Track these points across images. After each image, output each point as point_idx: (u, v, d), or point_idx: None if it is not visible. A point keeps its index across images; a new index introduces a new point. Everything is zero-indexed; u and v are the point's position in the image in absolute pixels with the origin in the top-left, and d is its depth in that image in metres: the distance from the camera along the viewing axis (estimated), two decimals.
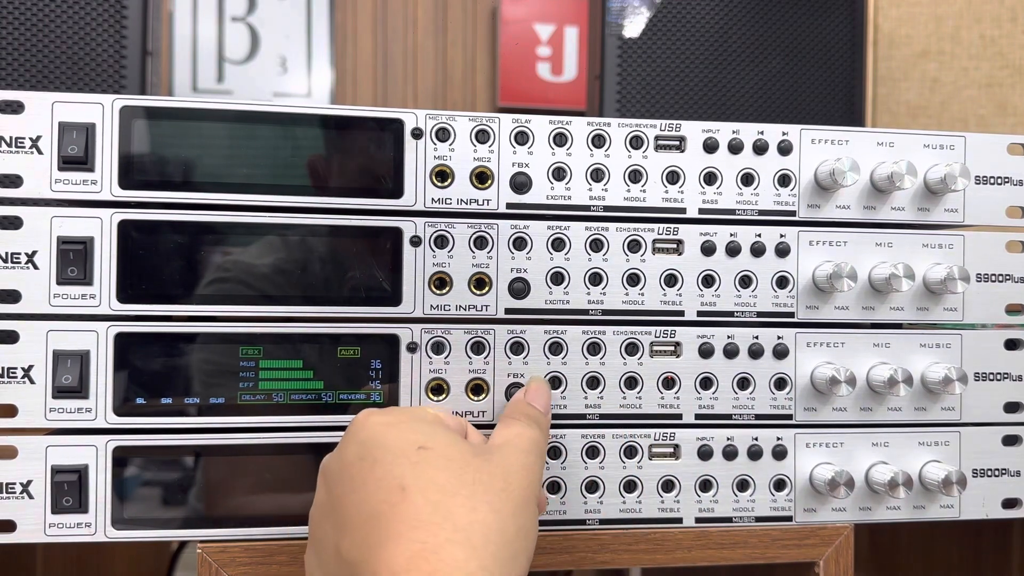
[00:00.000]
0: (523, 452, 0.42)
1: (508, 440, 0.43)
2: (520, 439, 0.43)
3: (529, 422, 0.45)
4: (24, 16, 0.69)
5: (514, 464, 0.41)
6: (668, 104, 0.84)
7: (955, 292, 0.53)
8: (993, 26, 1.11)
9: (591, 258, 0.51)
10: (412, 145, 0.50)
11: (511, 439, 0.43)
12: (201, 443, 0.48)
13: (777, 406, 0.53)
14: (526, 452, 0.42)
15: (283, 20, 1.34)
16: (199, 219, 0.48)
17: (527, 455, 0.42)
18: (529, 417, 0.46)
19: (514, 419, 0.45)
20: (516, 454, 0.41)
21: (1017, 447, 0.55)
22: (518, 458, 0.41)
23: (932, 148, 0.55)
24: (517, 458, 0.41)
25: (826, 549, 0.53)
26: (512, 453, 0.41)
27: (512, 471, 0.40)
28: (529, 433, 0.44)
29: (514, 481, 0.39)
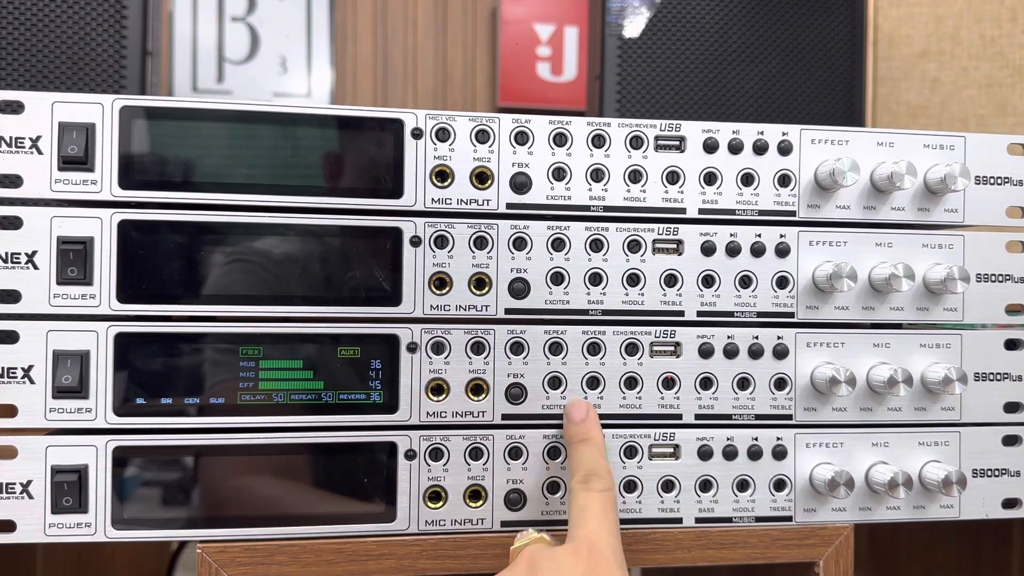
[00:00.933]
0: (610, 535, 0.44)
1: (594, 534, 0.44)
2: (604, 522, 0.45)
3: (599, 484, 0.46)
4: (24, 16, 0.69)
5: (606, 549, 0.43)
6: (668, 104, 0.84)
7: (955, 292, 0.52)
8: (993, 26, 1.11)
9: (591, 258, 0.51)
10: (412, 145, 0.50)
11: (595, 531, 0.44)
12: (201, 443, 0.48)
13: (777, 406, 0.53)
14: (610, 533, 0.45)
15: (283, 20, 1.34)
16: (199, 219, 0.48)
17: (612, 536, 0.44)
18: (595, 475, 0.47)
19: (586, 490, 0.46)
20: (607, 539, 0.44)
21: (1017, 447, 0.55)
22: (608, 543, 0.44)
23: (932, 148, 0.54)
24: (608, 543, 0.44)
25: (826, 549, 0.53)
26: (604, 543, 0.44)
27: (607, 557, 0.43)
28: (608, 506, 0.46)
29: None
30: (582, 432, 0.49)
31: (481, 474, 0.51)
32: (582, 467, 0.47)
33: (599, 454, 0.48)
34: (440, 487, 0.50)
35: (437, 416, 0.50)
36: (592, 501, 0.45)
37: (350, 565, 0.49)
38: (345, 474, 0.50)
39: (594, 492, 0.46)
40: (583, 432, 0.49)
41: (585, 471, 0.47)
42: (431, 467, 0.50)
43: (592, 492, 0.46)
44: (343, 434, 0.50)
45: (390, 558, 0.49)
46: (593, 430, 0.49)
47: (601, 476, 0.47)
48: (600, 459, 0.48)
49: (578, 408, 0.50)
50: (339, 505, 0.50)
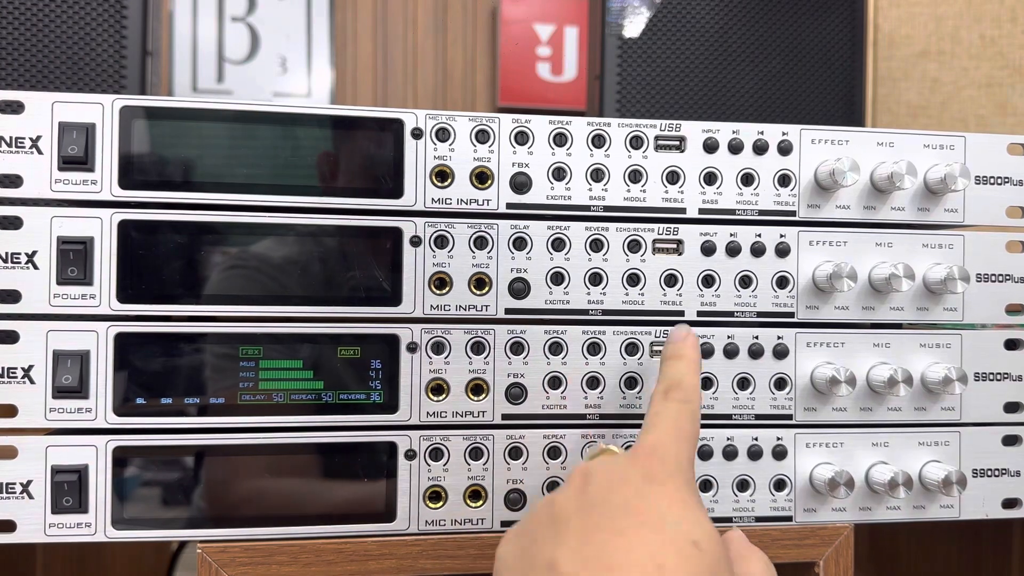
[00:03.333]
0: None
1: (659, 439, 0.41)
2: (673, 430, 0.42)
3: (766, 559, 0.43)
4: (24, 16, 0.69)
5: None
6: (668, 104, 0.84)
7: (955, 292, 0.53)
8: (993, 26, 1.11)
9: (591, 258, 0.51)
10: (412, 145, 0.50)
11: (661, 436, 0.42)
12: (201, 443, 0.48)
13: (777, 406, 0.53)
14: (678, 440, 0.42)
15: (283, 20, 1.34)
16: (199, 219, 0.48)
17: (680, 442, 0.41)
18: (678, 387, 0.45)
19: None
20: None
21: (1017, 447, 0.55)
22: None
23: (932, 148, 0.55)
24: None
25: (826, 549, 0.53)
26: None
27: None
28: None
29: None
30: (676, 350, 0.47)
31: (481, 474, 0.51)
32: (666, 378, 0.45)
33: (689, 370, 0.46)
34: (440, 487, 0.50)
35: (437, 416, 0.50)
36: (667, 409, 0.43)
37: (350, 565, 0.49)
38: (345, 474, 0.50)
39: (672, 402, 0.44)
40: (677, 350, 0.47)
41: (668, 383, 0.45)
42: (431, 467, 0.50)
43: (670, 402, 0.44)
44: (343, 434, 0.50)
45: (390, 558, 0.49)
46: (689, 349, 0.47)
47: (684, 388, 0.44)
48: (689, 374, 0.46)
49: (679, 329, 0.49)
50: (339, 505, 0.50)
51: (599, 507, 0.37)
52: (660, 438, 0.41)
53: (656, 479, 0.38)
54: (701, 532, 0.36)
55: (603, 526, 0.36)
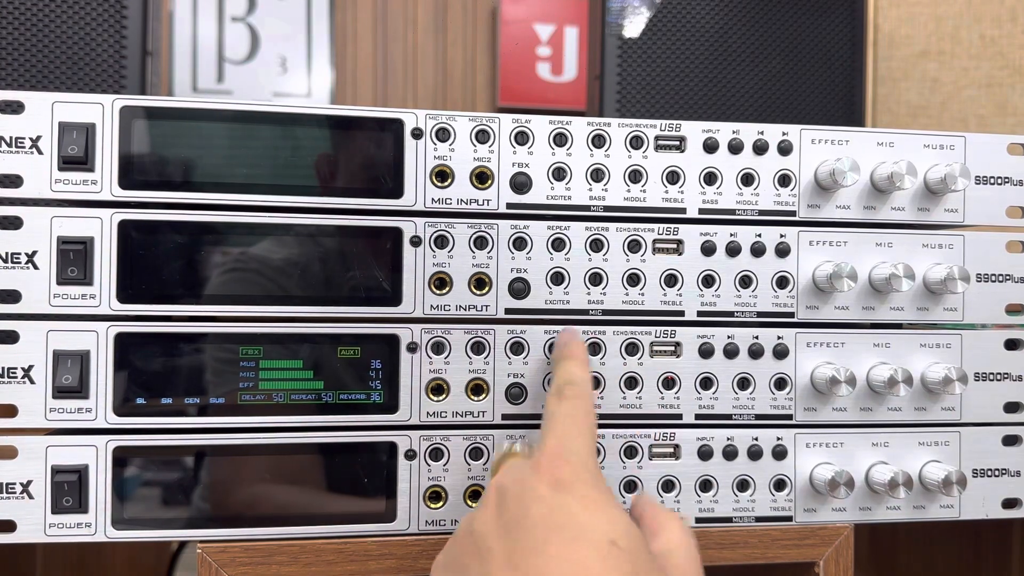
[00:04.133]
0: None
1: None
2: (689, 548, 0.42)
3: (680, 521, 0.43)
4: (24, 16, 0.69)
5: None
6: (668, 104, 0.84)
7: (955, 292, 0.53)
8: (993, 26, 1.11)
9: (591, 258, 0.51)
10: (412, 145, 0.50)
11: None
12: (201, 443, 0.48)
13: (777, 406, 0.53)
14: (577, 435, 0.42)
15: (283, 20, 1.34)
16: (199, 219, 0.48)
17: (579, 437, 0.41)
18: (569, 383, 0.45)
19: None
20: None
21: (1017, 447, 0.55)
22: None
23: (932, 148, 0.55)
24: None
25: (826, 549, 0.53)
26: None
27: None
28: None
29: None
30: (567, 351, 0.47)
31: (481, 474, 0.51)
32: (558, 378, 0.45)
33: (578, 366, 0.46)
34: (440, 487, 0.50)
35: (437, 416, 0.50)
36: (560, 408, 0.43)
37: (350, 565, 0.49)
38: (345, 474, 0.50)
39: (565, 400, 0.43)
40: (568, 351, 0.47)
41: (560, 381, 0.45)
42: (431, 467, 0.50)
43: (563, 400, 0.43)
44: (343, 434, 0.50)
45: (390, 558, 0.49)
46: (578, 348, 0.47)
47: (575, 383, 0.44)
48: (578, 370, 0.45)
49: (565, 331, 0.50)
50: (339, 505, 0.50)
51: (517, 527, 0.38)
52: (559, 440, 0.41)
53: (564, 485, 0.39)
54: (617, 529, 0.37)
55: (525, 546, 0.37)
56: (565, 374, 0.46)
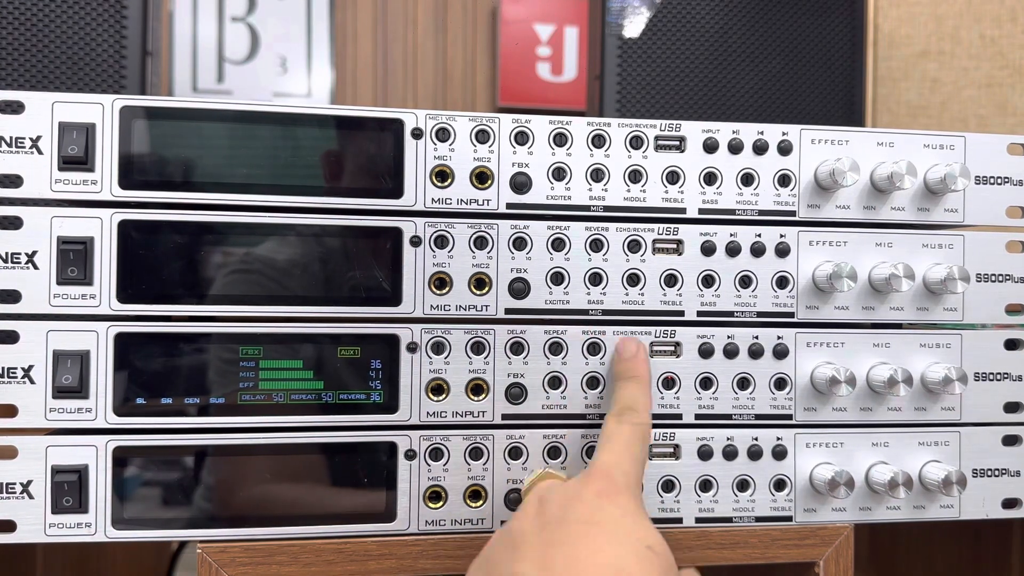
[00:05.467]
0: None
1: (611, 460, 0.44)
2: (625, 451, 0.44)
3: (633, 418, 0.46)
4: (24, 16, 0.69)
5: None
6: (668, 104, 0.84)
7: (955, 292, 0.53)
8: (993, 26, 1.11)
9: (591, 258, 0.51)
10: (412, 145, 0.50)
11: (612, 458, 0.44)
12: (201, 443, 0.48)
13: (777, 406, 0.53)
14: (630, 460, 0.44)
15: (283, 20, 1.34)
16: (199, 219, 0.48)
17: (630, 463, 0.44)
18: (631, 410, 0.47)
19: (618, 422, 0.46)
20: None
21: (1017, 447, 0.55)
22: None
23: (932, 148, 0.55)
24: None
25: (826, 549, 0.53)
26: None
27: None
28: (636, 438, 0.45)
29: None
30: (630, 369, 0.49)
31: (481, 474, 0.51)
32: (620, 401, 0.47)
33: (641, 392, 0.48)
34: (440, 487, 0.50)
35: (437, 416, 0.50)
36: (620, 432, 0.45)
37: (350, 565, 0.49)
38: (345, 474, 0.50)
39: (625, 424, 0.45)
40: (631, 369, 0.49)
41: (622, 405, 0.47)
42: (431, 467, 0.50)
43: (623, 424, 0.46)
44: (343, 434, 0.50)
45: (390, 558, 0.49)
46: (641, 368, 0.49)
47: (637, 411, 0.46)
48: (642, 396, 0.48)
49: (628, 345, 0.50)
50: (339, 505, 0.50)
51: (556, 523, 0.40)
52: (613, 459, 0.43)
53: (607, 494, 0.41)
54: (654, 538, 0.39)
55: (562, 539, 0.38)
56: (629, 398, 0.47)
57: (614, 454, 0.44)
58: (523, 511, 0.42)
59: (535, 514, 0.41)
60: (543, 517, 0.41)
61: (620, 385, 0.49)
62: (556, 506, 0.41)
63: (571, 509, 0.40)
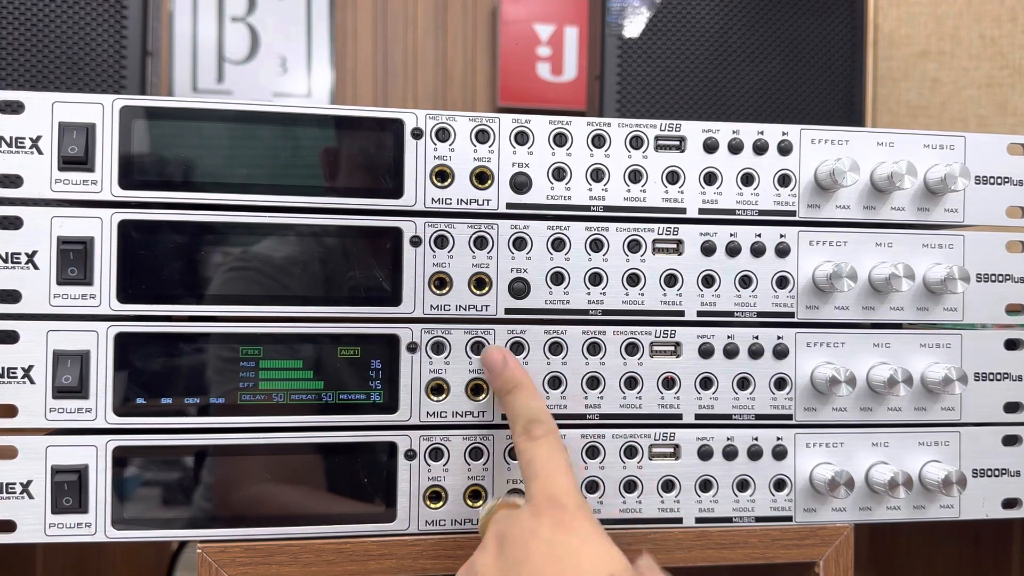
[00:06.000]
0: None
1: (546, 484, 0.43)
2: (553, 468, 0.44)
3: (539, 430, 0.45)
4: (24, 16, 0.69)
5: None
6: (668, 104, 0.84)
7: (955, 292, 0.53)
8: (993, 26, 1.11)
9: (591, 258, 0.51)
10: (412, 145, 0.50)
11: (546, 480, 0.43)
12: (201, 443, 0.48)
13: (777, 406, 0.53)
14: (562, 475, 0.43)
15: (283, 20, 1.34)
16: (199, 219, 0.48)
17: (563, 477, 0.43)
18: (534, 421, 0.46)
19: (529, 439, 0.45)
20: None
21: (1017, 447, 0.55)
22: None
23: (932, 148, 0.55)
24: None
25: (826, 549, 0.53)
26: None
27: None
28: (554, 449, 0.45)
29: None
30: (507, 381, 0.47)
31: (481, 474, 0.51)
32: (519, 416, 0.46)
33: (531, 397, 0.47)
34: (440, 487, 0.50)
35: (437, 416, 0.50)
36: (537, 450, 0.44)
37: (350, 565, 0.49)
38: (345, 474, 0.50)
39: (537, 440, 0.44)
40: (508, 381, 0.47)
41: (524, 420, 0.46)
42: (431, 467, 0.50)
43: (535, 440, 0.44)
44: (343, 434, 0.50)
45: (390, 558, 0.49)
46: (518, 374, 0.48)
47: (540, 420, 0.45)
48: (534, 402, 0.46)
49: (493, 356, 0.49)
50: (339, 505, 0.50)
51: (518, 565, 0.40)
52: (547, 482, 0.43)
53: (562, 524, 0.41)
54: (616, 563, 0.39)
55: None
56: (524, 411, 0.46)
57: (547, 476, 0.43)
58: (484, 551, 0.42)
59: (496, 556, 0.41)
60: (504, 559, 0.41)
61: (508, 401, 0.47)
62: (517, 547, 0.41)
63: (531, 548, 0.40)
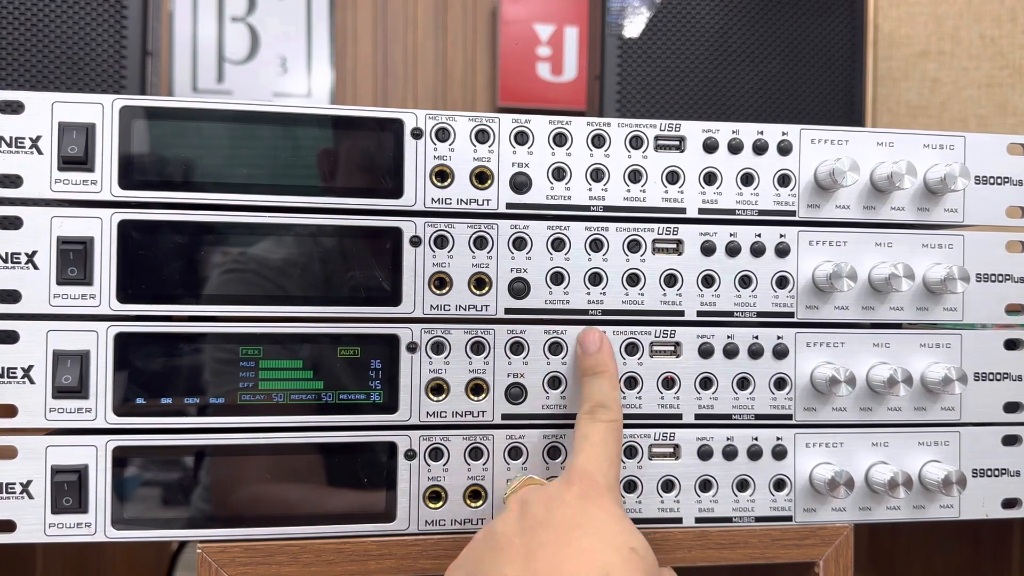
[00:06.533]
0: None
1: (588, 461, 0.44)
2: (601, 450, 0.45)
3: (605, 415, 0.46)
4: (24, 16, 0.69)
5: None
6: (668, 104, 0.84)
7: (955, 292, 0.53)
8: (993, 26, 1.11)
9: (591, 258, 0.51)
10: (412, 145, 0.50)
11: (590, 458, 0.44)
12: (201, 443, 0.48)
13: (777, 406, 0.53)
14: (606, 460, 0.44)
15: (283, 20, 1.34)
16: (199, 219, 0.48)
17: (607, 462, 0.44)
18: (603, 407, 0.47)
19: (592, 420, 0.46)
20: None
21: (1017, 447, 0.55)
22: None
23: (932, 148, 0.55)
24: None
25: (826, 549, 0.53)
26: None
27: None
28: (610, 436, 0.46)
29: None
30: (597, 364, 0.49)
31: (481, 474, 0.51)
32: (591, 398, 0.47)
33: (610, 386, 0.48)
34: (440, 487, 0.50)
35: (437, 416, 0.50)
36: (594, 431, 0.45)
37: (350, 565, 0.49)
38: (345, 474, 0.50)
39: (598, 422, 0.46)
40: (597, 364, 0.49)
41: (593, 402, 0.47)
42: (431, 467, 0.50)
43: (596, 422, 0.46)
44: (343, 434, 0.50)
45: (390, 558, 0.49)
46: (607, 361, 0.49)
47: (609, 407, 0.46)
48: (611, 391, 0.48)
49: (591, 338, 0.50)
50: (339, 505, 0.50)
51: (540, 527, 0.40)
52: (589, 460, 0.44)
53: (590, 497, 0.41)
54: (637, 541, 0.40)
55: (547, 542, 0.39)
56: (599, 395, 0.47)
57: (592, 455, 0.44)
58: (506, 514, 0.43)
59: (518, 517, 0.42)
60: (526, 520, 0.41)
61: (588, 381, 0.48)
62: (539, 508, 0.41)
63: (554, 512, 0.40)
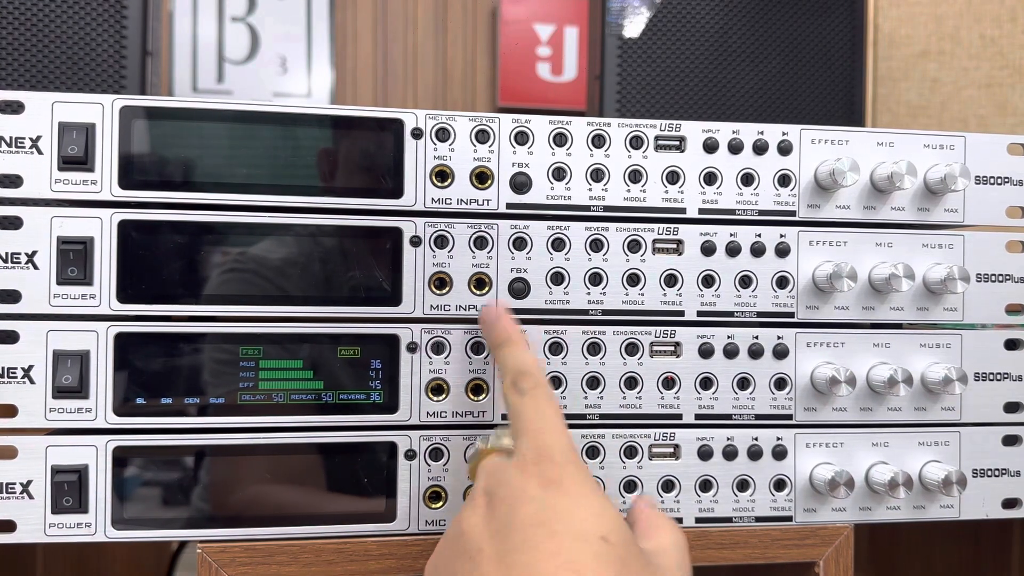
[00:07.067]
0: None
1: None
2: (680, 549, 0.43)
3: (675, 525, 0.44)
4: (24, 16, 0.69)
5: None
6: (668, 104, 0.84)
7: (955, 292, 0.53)
8: (993, 26, 1.11)
9: (591, 258, 0.51)
10: (412, 145, 0.50)
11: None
12: (201, 443, 0.48)
13: (777, 406, 0.53)
14: (551, 430, 0.42)
15: (283, 20, 1.34)
16: (199, 219, 0.48)
17: (553, 432, 0.42)
18: (522, 374, 0.44)
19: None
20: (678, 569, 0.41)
21: (1017, 447, 0.55)
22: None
23: (932, 148, 0.55)
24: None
25: (826, 549, 0.53)
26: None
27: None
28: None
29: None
30: (498, 335, 0.47)
31: None
32: (508, 369, 0.45)
33: (521, 350, 0.46)
34: (440, 487, 0.50)
35: (437, 416, 0.50)
36: (524, 404, 0.43)
37: (350, 565, 0.49)
38: (345, 474, 0.50)
39: (525, 393, 0.43)
40: (499, 334, 0.47)
41: (512, 373, 0.44)
42: (431, 467, 0.50)
43: (523, 394, 0.43)
44: (343, 434, 0.50)
45: (390, 558, 0.49)
46: (509, 328, 0.47)
47: (528, 372, 0.44)
48: (523, 355, 0.45)
49: (488, 311, 0.49)
50: (339, 505, 0.50)
51: (507, 527, 0.38)
52: (536, 436, 0.41)
53: (552, 481, 0.39)
54: (607, 525, 0.38)
55: (516, 546, 0.37)
56: (514, 362, 0.45)
57: (536, 431, 0.41)
58: (473, 509, 0.41)
59: (486, 514, 0.40)
60: (494, 518, 0.39)
61: (499, 354, 0.47)
62: (504, 504, 0.39)
63: (519, 511, 0.39)
